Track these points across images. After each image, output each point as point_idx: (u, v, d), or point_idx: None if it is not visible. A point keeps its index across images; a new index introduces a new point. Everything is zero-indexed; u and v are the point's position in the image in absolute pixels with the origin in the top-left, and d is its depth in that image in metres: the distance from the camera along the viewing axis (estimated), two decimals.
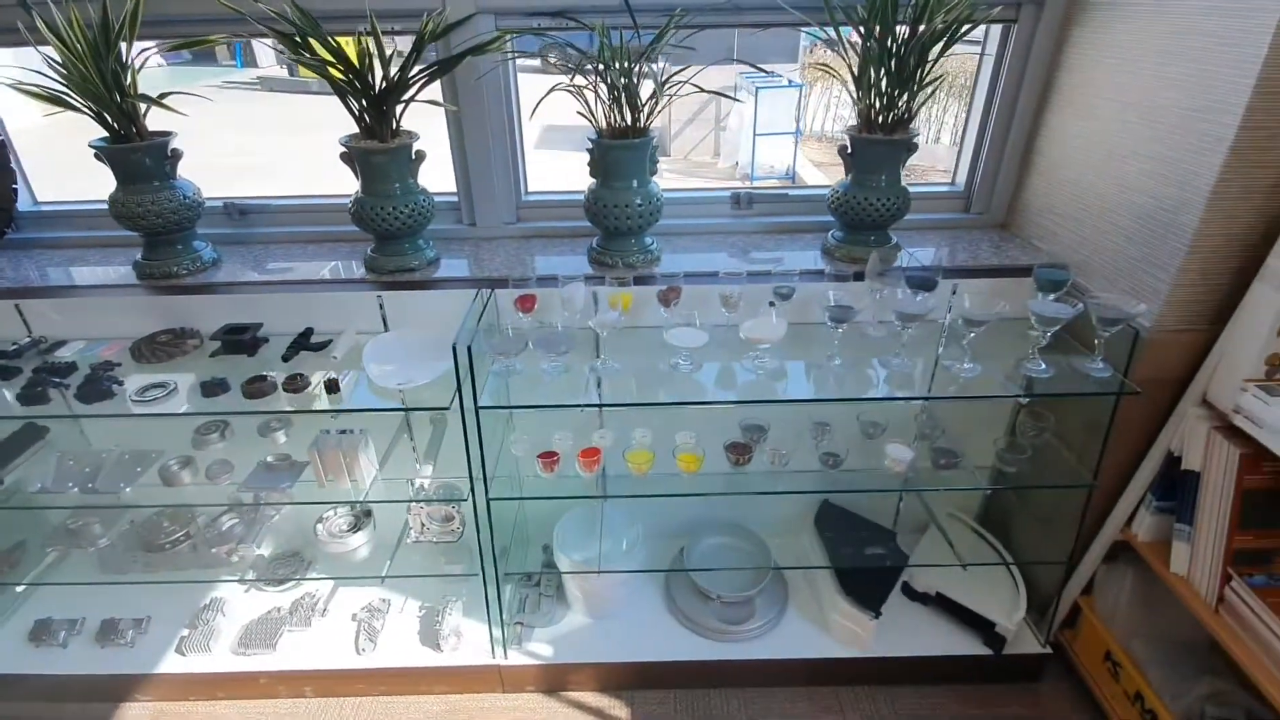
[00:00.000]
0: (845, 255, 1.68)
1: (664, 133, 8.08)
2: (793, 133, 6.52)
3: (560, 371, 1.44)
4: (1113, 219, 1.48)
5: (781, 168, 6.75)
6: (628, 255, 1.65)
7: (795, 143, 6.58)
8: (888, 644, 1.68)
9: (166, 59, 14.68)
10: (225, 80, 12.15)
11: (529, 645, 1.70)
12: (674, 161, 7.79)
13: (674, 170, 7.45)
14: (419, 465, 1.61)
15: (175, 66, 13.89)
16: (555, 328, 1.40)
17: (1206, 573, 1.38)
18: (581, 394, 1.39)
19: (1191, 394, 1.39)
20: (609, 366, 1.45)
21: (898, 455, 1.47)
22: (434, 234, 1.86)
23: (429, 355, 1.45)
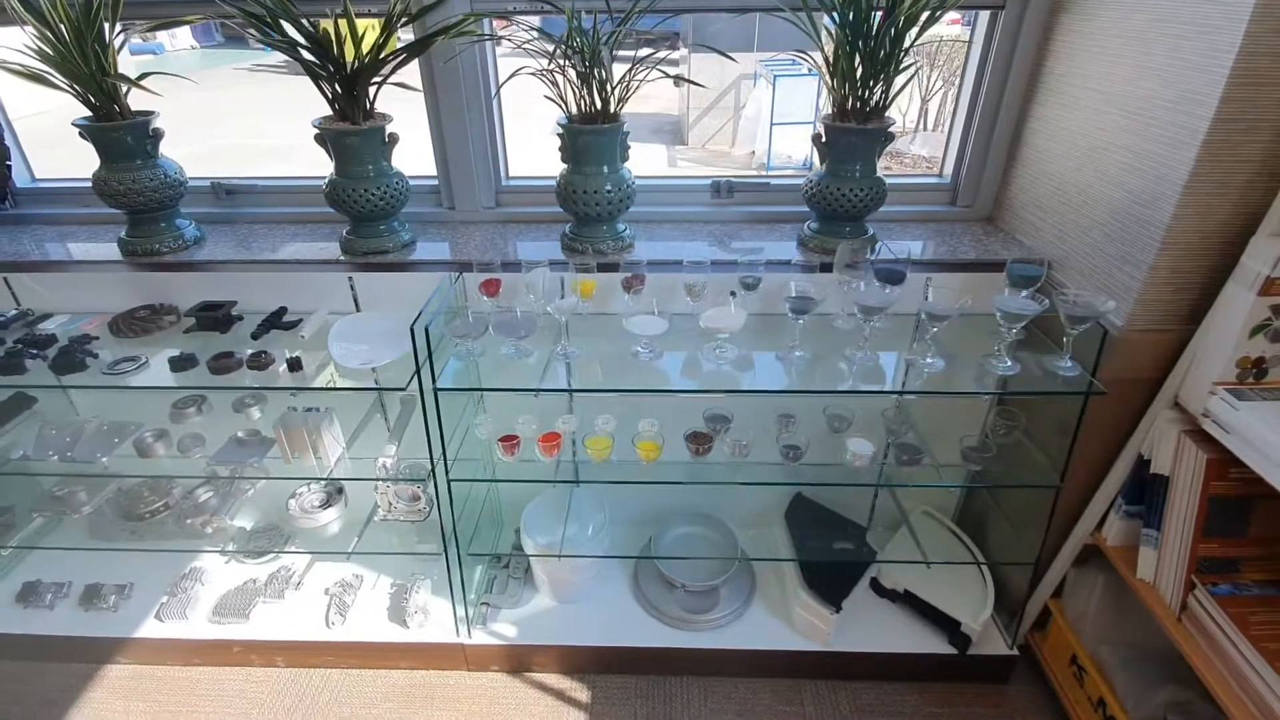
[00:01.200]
0: (819, 246, 1.65)
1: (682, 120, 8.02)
2: (810, 122, 6.43)
3: (521, 356, 1.45)
4: (1092, 214, 1.43)
5: (799, 157, 6.67)
6: (598, 242, 1.64)
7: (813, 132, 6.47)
8: (851, 639, 1.68)
9: (200, 41, 14.98)
10: (254, 63, 12.33)
11: (494, 626, 1.73)
12: (692, 150, 7.73)
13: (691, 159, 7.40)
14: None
15: (208, 50, 14.14)
16: (516, 312, 1.40)
17: (1171, 580, 1.34)
18: (541, 380, 1.40)
19: (1163, 396, 1.35)
20: (569, 352, 1.45)
21: (858, 450, 1.45)
22: (414, 217, 1.88)
23: (395, 336, 1.47)
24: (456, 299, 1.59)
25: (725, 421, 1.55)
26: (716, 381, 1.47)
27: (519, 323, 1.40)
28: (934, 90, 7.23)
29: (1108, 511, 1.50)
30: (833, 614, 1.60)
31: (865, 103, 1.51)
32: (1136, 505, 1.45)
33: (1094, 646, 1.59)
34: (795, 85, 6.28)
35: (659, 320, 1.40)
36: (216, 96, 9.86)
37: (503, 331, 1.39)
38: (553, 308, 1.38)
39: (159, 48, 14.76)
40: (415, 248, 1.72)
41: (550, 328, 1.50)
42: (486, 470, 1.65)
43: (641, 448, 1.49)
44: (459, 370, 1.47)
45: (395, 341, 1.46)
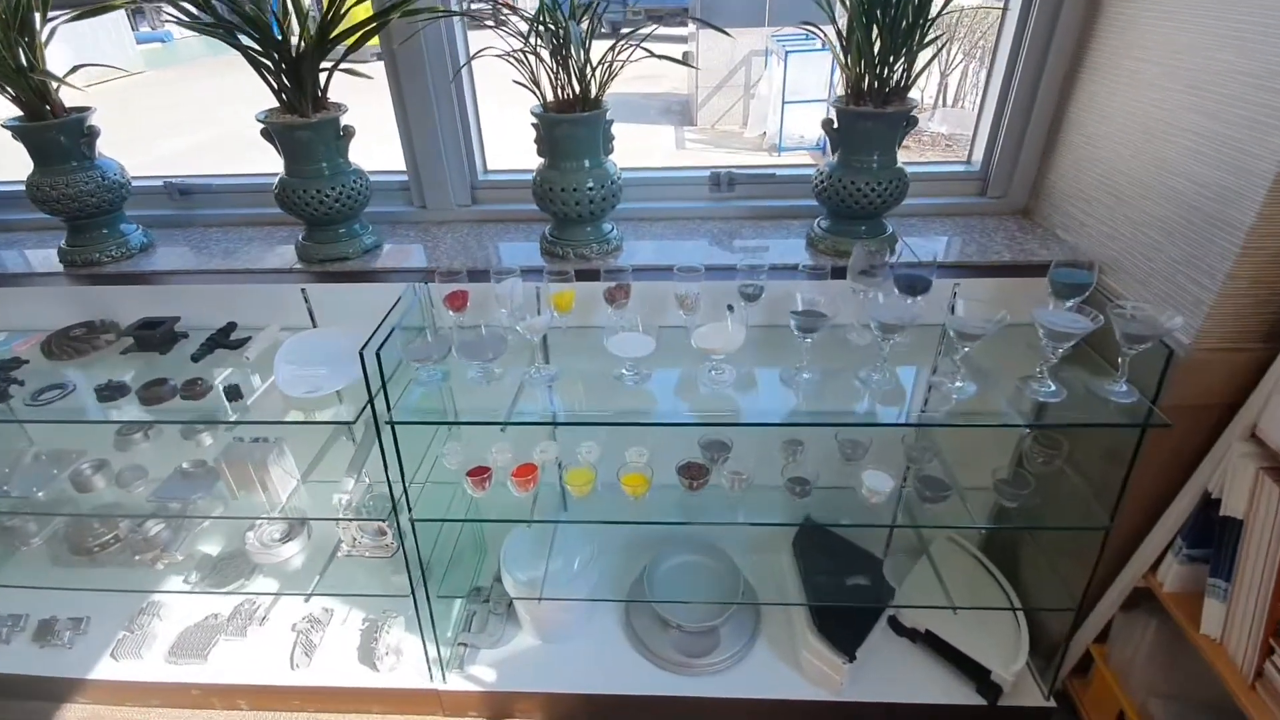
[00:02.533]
0: (830, 248, 1.46)
1: (691, 100, 7.75)
2: (824, 100, 6.14)
3: (490, 380, 1.27)
4: (1150, 209, 1.22)
5: (812, 137, 6.40)
6: (580, 245, 1.46)
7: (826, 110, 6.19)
8: (866, 686, 1.50)
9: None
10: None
11: (473, 668, 1.58)
12: (701, 131, 7.48)
13: (701, 140, 7.15)
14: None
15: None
16: (480, 330, 1.23)
17: (1244, 640, 1.15)
18: (511, 410, 1.22)
19: (1237, 426, 1.15)
20: (544, 375, 1.27)
21: (875, 485, 1.27)
22: (381, 217, 1.71)
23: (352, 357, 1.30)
24: (421, 313, 1.42)
25: (724, 449, 1.37)
26: (712, 408, 1.29)
27: (486, 343, 1.23)
28: (954, 64, 6.90)
29: (1164, 552, 1.31)
30: (846, 664, 1.43)
31: (884, 82, 1.31)
32: (1200, 549, 1.25)
33: (1143, 699, 1.40)
34: (808, 61, 6.00)
35: (645, 339, 1.22)
36: (220, 84, 9.74)
37: (468, 354, 1.22)
38: (523, 327, 1.21)
39: (167, 36, 14.62)
40: (380, 253, 1.55)
41: (526, 344, 1.33)
42: (460, 503, 1.49)
43: (627, 482, 1.32)
44: (422, 395, 1.30)
45: (351, 363, 1.29)
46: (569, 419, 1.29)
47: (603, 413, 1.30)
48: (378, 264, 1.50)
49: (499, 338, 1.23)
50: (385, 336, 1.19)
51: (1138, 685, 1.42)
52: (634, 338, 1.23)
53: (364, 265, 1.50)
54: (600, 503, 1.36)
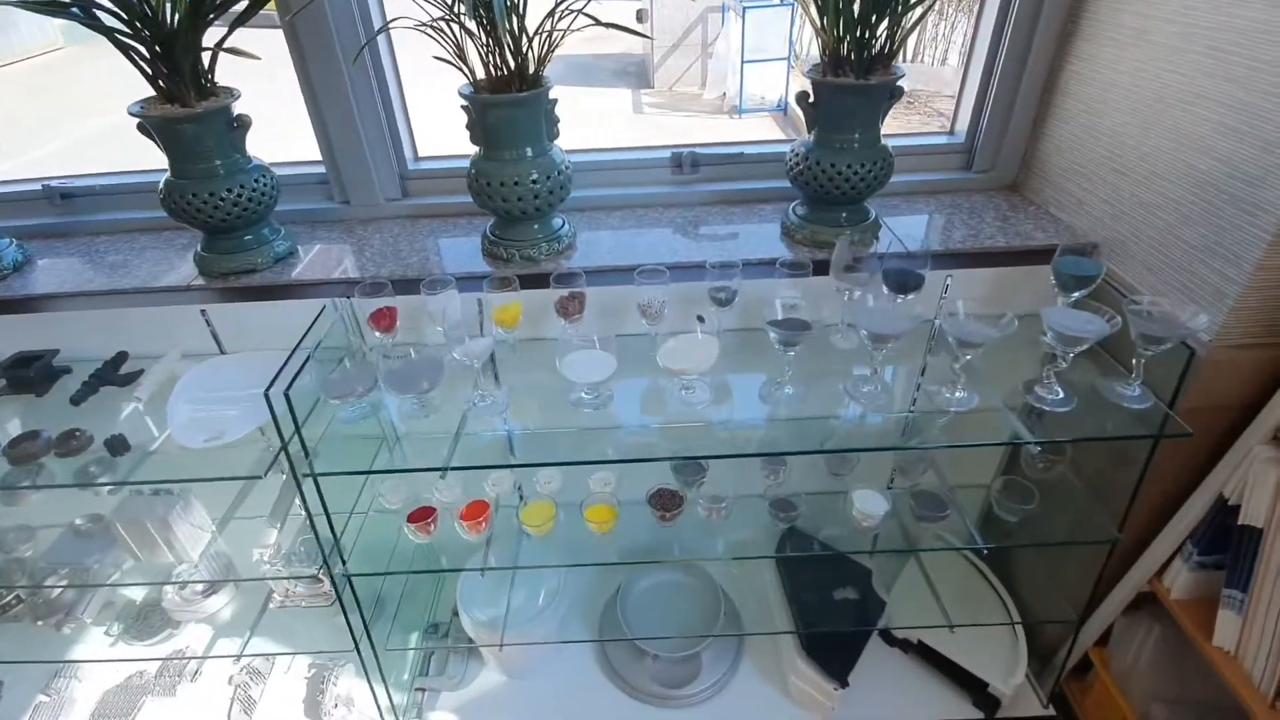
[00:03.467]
0: (809, 238, 1.30)
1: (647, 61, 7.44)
2: (785, 58, 5.92)
3: (426, 412, 1.10)
4: (1163, 189, 1.10)
5: (773, 98, 6.18)
6: (526, 245, 1.28)
7: (788, 70, 5.98)
8: (857, 707, 1.41)
9: None
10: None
11: (432, 715, 1.44)
12: (659, 93, 7.19)
13: (659, 103, 6.88)
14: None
15: None
16: (410, 355, 1.05)
17: (1263, 658, 1.07)
18: (453, 451, 1.06)
19: (1259, 428, 1.05)
20: (488, 403, 1.11)
21: (867, 509, 1.15)
22: (299, 217, 1.49)
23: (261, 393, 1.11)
24: (347, 334, 1.23)
25: (699, 471, 1.23)
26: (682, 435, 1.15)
27: (419, 370, 1.06)
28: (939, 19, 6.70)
29: (1172, 557, 1.22)
30: (837, 689, 1.33)
31: (865, 47, 1.14)
32: (1212, 555, 1.16)
33: (1145, 705, 1.34)
34: (766, 17, 5.75)
35: (604, 358, 1.06)
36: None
37: (397, 385, 1.04)
38: (461, 353, 1.03)
39: None
40: (296, 261, 1.35)
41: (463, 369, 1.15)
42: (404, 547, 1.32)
43: (592, 517, 1.17)
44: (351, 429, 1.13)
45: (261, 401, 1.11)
46: (522, 453, 1.12)
47: (562, 432, 1.14)
48: (294, 275, 1.30)
49: (434, 363, 1.05)
50: (297, 370, 1.01)
51: (1140, 690, 1.35)
52: (591, 357, 1.06)
53: (277, 277, 1.29)
54: (564, 539, 1.22)
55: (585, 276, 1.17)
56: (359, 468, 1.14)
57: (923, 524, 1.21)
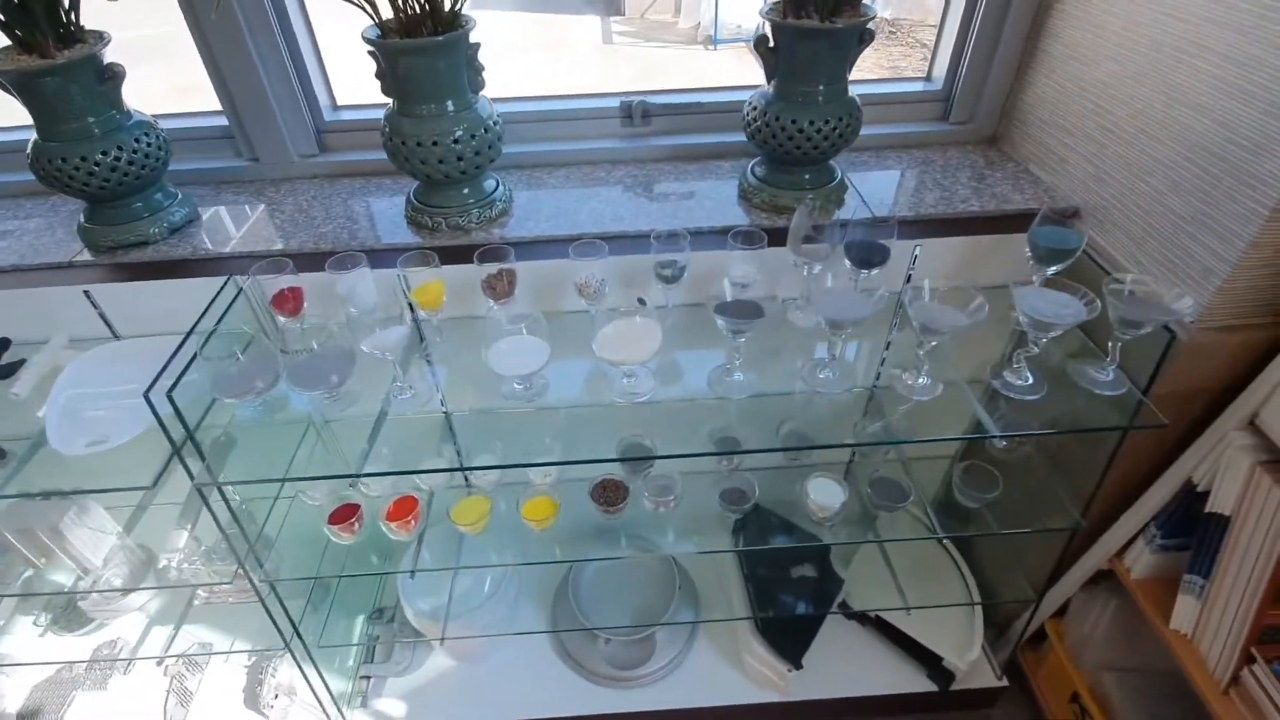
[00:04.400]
0: (767, 203, 1.18)
1: None
2: None
3: (342, 406, 1.00)
4: (1153, 150, 0.99)
5: (750, 27, 5.84)
6: (455, 212, 1.15)
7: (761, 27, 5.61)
8: (814, 680, 1.39)
9: None
10: None
11: (378, 702, 1.39)
12: (630, 22, 6.77)
13: (629, 32, 6.48)
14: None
15: None
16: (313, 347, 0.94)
17: (1221, 645, 1.05)
18: (367, 456, 0.96)
19: (1235, 413, 0.99)
20: (407, 397, 1.00)
21: (821, 499, 1.08)
22: (202, 177, 1.34)
23: None
24: (257, 315, 1.10)
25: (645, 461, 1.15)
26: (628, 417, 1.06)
27: (326, 363, 0.94)
28: None
29: (1134, 537, 1.18)
30: (791, 671, 1.30)
31: None
32: (1175, 539, 1.13)
33: (1097, 674, 1.33)
34: None
35: (536, 345, 0.95)
36: None
37: (301, 381, 0.93)
38: (370, 344, 0.92)
39: None
40: (196, 229, 1.20)
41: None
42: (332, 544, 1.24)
43: (531, 513, 1.09)
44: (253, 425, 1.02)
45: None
46: (455, 441, 1.03)
47: (497, 418, 1.05)
48: (193, 247, 1.16)
49: (344, 354, 0.94)
50: (186, 364, 0.89)
51: (1093, 660, 1.34)
52: (521, 345, 0.96)
53: (172, 251, 1.15)
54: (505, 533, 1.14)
55: (516, 250, 1.05)
56: (280, 456, 1.03)
57: (881, 512, 1.15)
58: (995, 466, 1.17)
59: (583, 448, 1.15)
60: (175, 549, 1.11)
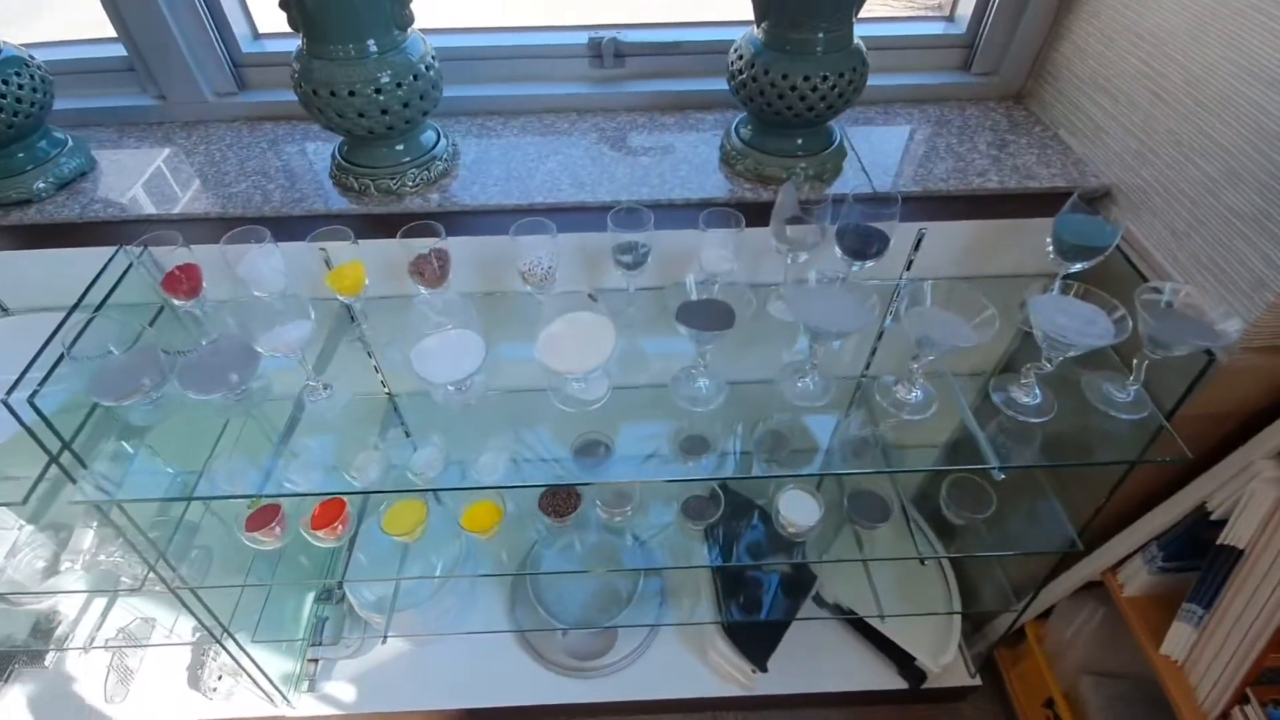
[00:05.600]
0: (751, 170, 1.02)
1: None
2: None
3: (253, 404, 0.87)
4: (1211, 128, 0.83)
5: None
6: (385, 174, 0.98)
7: None
8: (780, 673, 1.33)
9: None
10: None
11: (328, 685, 1.34)
12: None
13: None
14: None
15: None
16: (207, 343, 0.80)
17: (1214, 679, 0.97)
18: (271, 474, 0.84)
19: (1265, 441, 0.87)
20: (322, 398, 0.88)
21: (795, 517, 0.97)
22: (102, 116, 1.16)
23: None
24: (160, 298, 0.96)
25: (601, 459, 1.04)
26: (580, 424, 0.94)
27: (225, 358, 0.81)
28: None
29: (1133, 553, 1.09)
30: (756, 673, 1.24)
31: None
32: (1177, 561, 1.03)
33: (1074, 677, 1.28)
34: None
35: (470, 342, 0.82)
36: None
37: (194, 384, 0.80)
38: (267, 345, 0.78)
39: None
40: (92, 182, 1.04)
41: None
42: None
43: (471, 520, 0.99)
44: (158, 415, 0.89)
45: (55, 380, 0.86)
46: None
47: (431, 404, 0.93)
48: (81, 207, 1.00)
49: (243, 351, 0.81)
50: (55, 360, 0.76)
51: (1071, 663, 1.29)
52: (449, 342, 0.82)
53: (60, 212, 0.99)
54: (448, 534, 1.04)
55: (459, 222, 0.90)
56: (199, 445, 0.92)
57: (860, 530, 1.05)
58: (987, 480, 1.07)
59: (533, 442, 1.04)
60: (78, 551, 1.02)
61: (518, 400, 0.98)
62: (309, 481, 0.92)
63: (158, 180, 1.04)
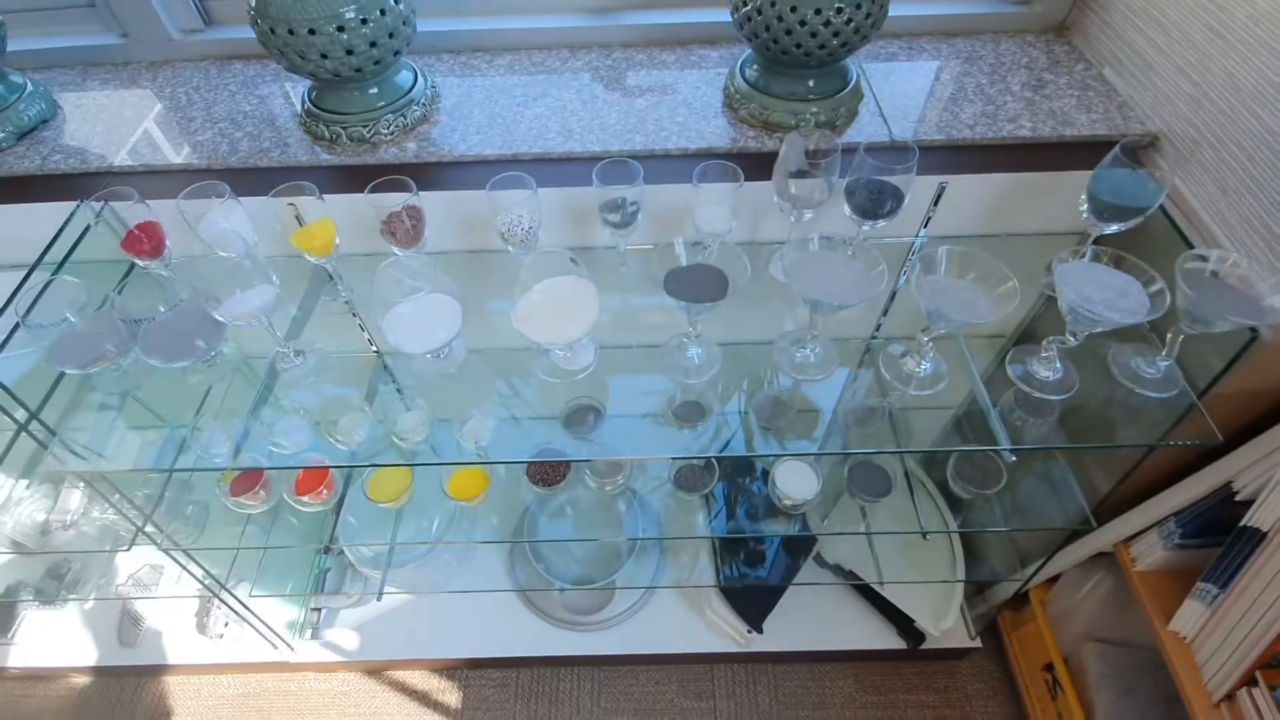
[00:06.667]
0: (755, 116, 0.93)
1: None
2: None
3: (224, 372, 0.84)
4: (1270, 67, 0.73)
5: None
6: (355, 121, 0.91)
7: None
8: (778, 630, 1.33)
9: None
10: None
11: (330, 632, 1.37)
12: None
13: None
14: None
15: None
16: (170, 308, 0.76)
17: (1222, 659, 0.94)
18: (242, 446, 0.81)
19: None
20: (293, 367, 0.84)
21: (792, 490, 0.93)
22: (65, 57, 1.09)
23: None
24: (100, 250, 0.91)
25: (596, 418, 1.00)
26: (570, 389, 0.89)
27: (190, 323, 0.77)
28: None
29: (1147, 528, 1.04)
30: (751, 633, 1.24)
31: None
32: (1195, 539, 0.99)
33: (1077, 644, 1.26)
34: None
35: (444, 305, 0.77)
36: None
37: (157, 352, 0.76)
38: (226, 314, 0.73)
39: None
40: (53, 132, 0.98)
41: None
42: None
43: (457, 487, 0.96)
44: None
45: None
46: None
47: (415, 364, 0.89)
48: (42, 158, 0.94)
49: (209, 315, 0.76)
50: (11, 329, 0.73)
51: (1075, 629, 1.27)
52: (424, 307, 0.77)
53: (19, 164, 0.94)
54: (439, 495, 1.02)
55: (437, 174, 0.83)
56: (189, 400, 0.89)
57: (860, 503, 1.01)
58: (998, 461, 1.01)
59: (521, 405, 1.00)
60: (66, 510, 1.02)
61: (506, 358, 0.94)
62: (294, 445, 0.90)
63: (121, 128, 0.98)
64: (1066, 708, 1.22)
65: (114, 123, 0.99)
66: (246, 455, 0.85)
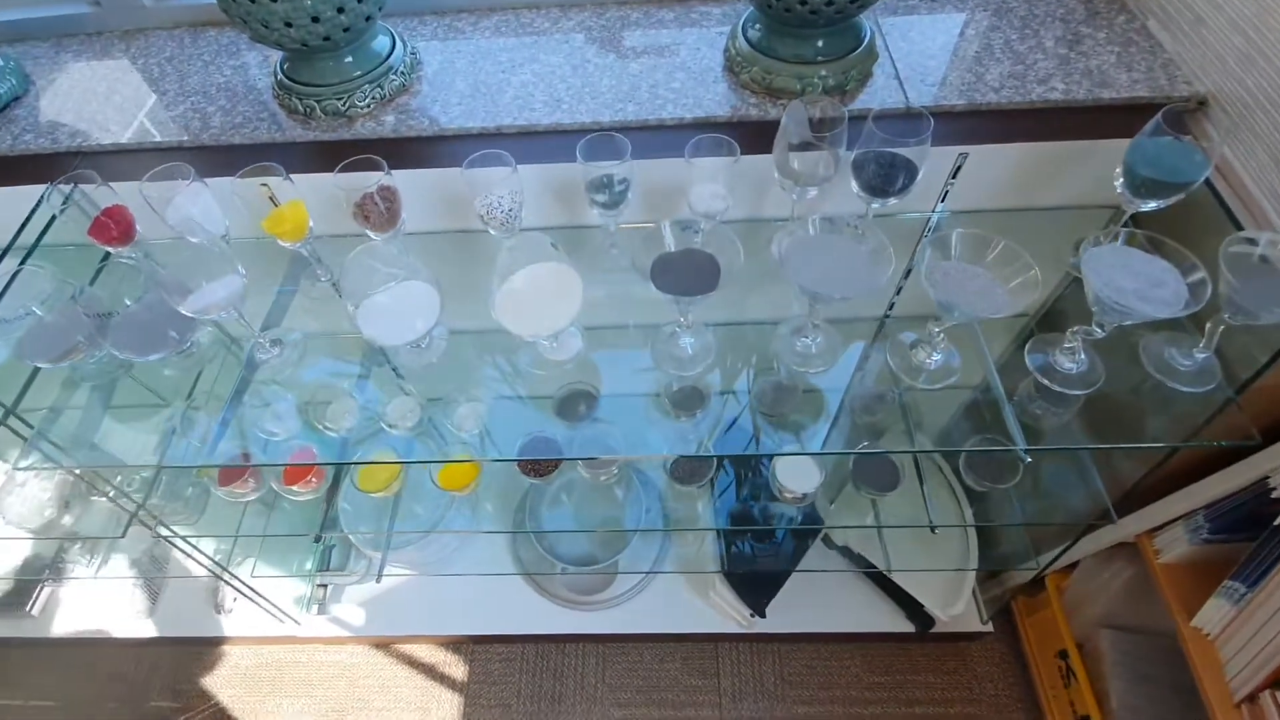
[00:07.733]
0: (758, 80, 0.85)
1: None
2: None
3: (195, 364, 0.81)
4: None
5: None
6: (329, 93, 0.85)
7: None
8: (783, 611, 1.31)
9: None
10: None
11: (337, 608, 1.38)
12: None
13: None
14: None
15: None
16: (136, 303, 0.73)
17: (1246, 659, 0.89)
18: (214, 441, 0.79)
19: None
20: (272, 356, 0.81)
21: (793, 483, 0.89)
22: (39, 29, 1.04)
23: None
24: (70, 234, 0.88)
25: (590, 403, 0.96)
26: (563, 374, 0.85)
27: (158, 318, 0.74)
28: None
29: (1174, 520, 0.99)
30: (753, 617, 1.21)
31: None
32: (1223, 535, 0.93)
33: (1091, 630, 1.22)
34: None
35: (424, 295, 0.73)
36: None
37: (129, 345, 0.73)
38: (192, 308, 0.70)
39: None
40: (27, 108, 0.94)
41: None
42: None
43: (448, 478, 0.93)
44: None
45: None
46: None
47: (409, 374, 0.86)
48: (17, 135, 0.91)
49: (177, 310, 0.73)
50: None
51: (1090, 616, 1.23)
52: (400, 297, 0.73)
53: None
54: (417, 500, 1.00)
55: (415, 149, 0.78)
56: (180, 383, 0.87)
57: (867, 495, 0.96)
58: (1017, 469, 0.96)
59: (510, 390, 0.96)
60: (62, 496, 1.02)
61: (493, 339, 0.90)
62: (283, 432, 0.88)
63: (93, 103, 0.94)
64: (1079, 693, 1.19)
65: (86, 98, 0.94)
66: (230, 445, 0.84)
